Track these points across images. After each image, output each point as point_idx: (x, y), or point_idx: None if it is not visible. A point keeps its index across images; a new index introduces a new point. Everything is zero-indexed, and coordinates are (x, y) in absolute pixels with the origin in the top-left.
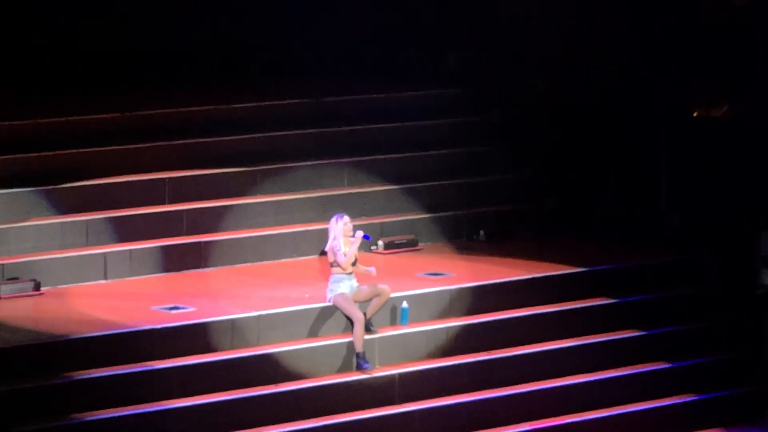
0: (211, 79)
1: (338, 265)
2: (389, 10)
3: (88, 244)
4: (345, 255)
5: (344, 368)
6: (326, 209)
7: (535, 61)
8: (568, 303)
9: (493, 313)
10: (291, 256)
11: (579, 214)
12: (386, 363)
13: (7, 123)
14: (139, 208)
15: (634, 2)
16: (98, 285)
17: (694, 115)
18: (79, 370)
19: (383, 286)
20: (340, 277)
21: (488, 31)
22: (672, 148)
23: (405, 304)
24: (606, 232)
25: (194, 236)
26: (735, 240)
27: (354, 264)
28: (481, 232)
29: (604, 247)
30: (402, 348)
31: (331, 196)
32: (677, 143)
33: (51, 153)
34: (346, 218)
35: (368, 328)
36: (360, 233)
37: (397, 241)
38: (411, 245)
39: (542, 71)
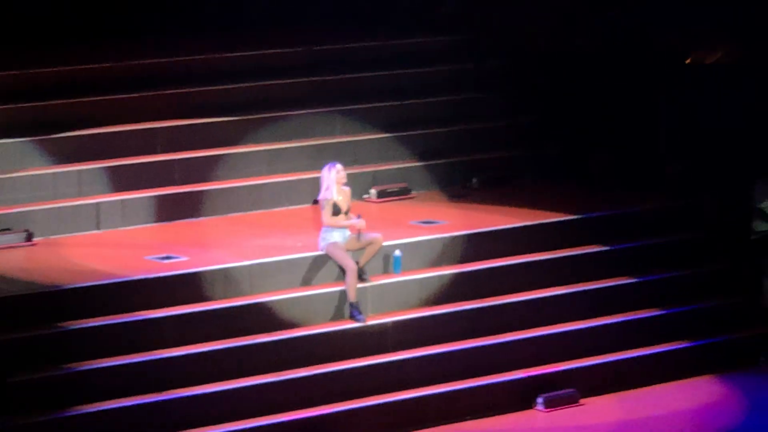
0: (204, 28)
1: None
2: None
3: (80, 194)
4: (327, 221)
5: (337, 317)
6: (319, 158)
7: (533, 8)
8: (562, 250)
9: (486, 261)
10: (284, 205)
11: (577, 162)
12: (379, 311)
13: None
14: (131, 157)
15: None
16: (91, 235)
17: (687, 61)
18: (73, 319)
19: (375, 235)
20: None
21: None
22: (670, 95)
23: (398, 253)
24: (604, 179)
25: (187, 186)
26: (732, 186)
27: (347, 213)
28: (474, 180)
29: (601, 194)
30: (395, 296)
31: (324, 144)
32: (676, 90)
33: (43, 103)
34: (339, 166)
35: (361, 277)
36: (362, 223)
37: (389, 190)
38: (404, 193)
39: (540, 18)
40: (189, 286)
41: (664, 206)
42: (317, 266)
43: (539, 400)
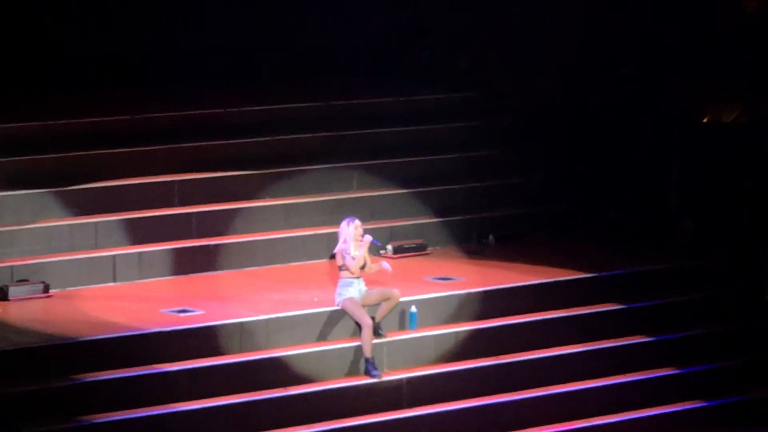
0: (221, 82)
1: (347, 269)
2: (400, 11)
3: (97, 246)
4: (354, 258)
5: (353, 372)
6: (336, 213)
7: (547, 64)
8: (577, 308)
9: (502, 318)
10: (300, 260)
11: (590, 218)
12: (395, 367)
13: (18, 124)
14: (148, 210)
15: (647, 6)
16: (107, 287)
17: (705, 120)
18: (88, 372)
19: (392, 290)
20: (349, 281)
21: (500, 33)
22: (684, 152)
23: (414, 309)
24: (617, 236)
25: (204, 239)
26: (746, 245)
27: (363, 268)
28: (491, 236)
29: (615, 251)
30: (410, 352)
31: (341, 199)
32: (689, 147)
33: (61, 154)
34: (357, 222)
35: (377, 333)
36: (368, 238)
37: (406, 245)
38: (420, 249)
39: (554, 74)
40: (204, 340)
41: (678, 265)
42: (333, 321)
43: None
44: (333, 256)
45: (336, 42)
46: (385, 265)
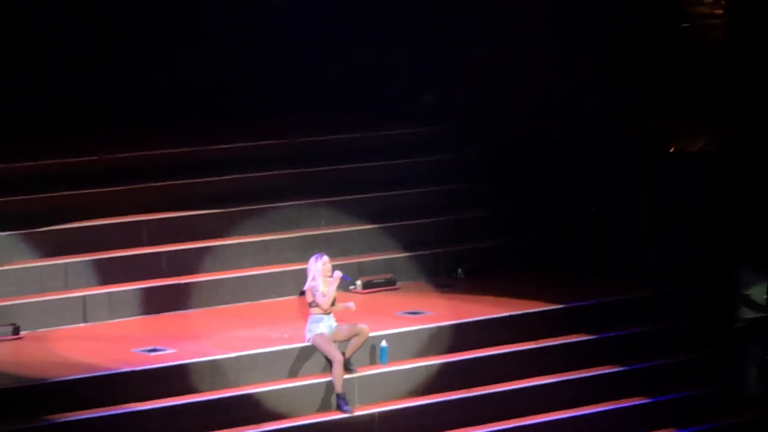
0: (188, 121)
1: (317, 305)
2: (367, 48)
3: (67, 287)
4: (324, 295)
5: (324, 408)
6: (305, 249)
7: (513, 98)
8: (547, 339)
9: (473, 351)
10: (270, 297)
11: (558, 250)
12: (366, 402)
13: None
14: (117, 250)
15: (612, 39)
16: (78, 328)
17: (671, 150)
18: (60, 413)
19: (362, 326)
20: (319, 317)
21: (466, 68)
22: (652, 183)
23: (384, 343)
24: (586, 267)
25: (173, 278)
26: (714, 274)
27: (333, 304)
28: (460, 270)
29: (584, 282)
30: (382, 387)
31: (310, 236)
32: (657, 178)
33: (29, 196)
34: (325, 258)
35: (348, 368)
36: (339, 273)
37: (375, 281)
38: (389, 284)
39: (520, 108)
40: (176, 379)
41: (648, 294)
42: (304, 357)
43: None
44: (303, 293)
45: (303, 79)
46: (350, 304)
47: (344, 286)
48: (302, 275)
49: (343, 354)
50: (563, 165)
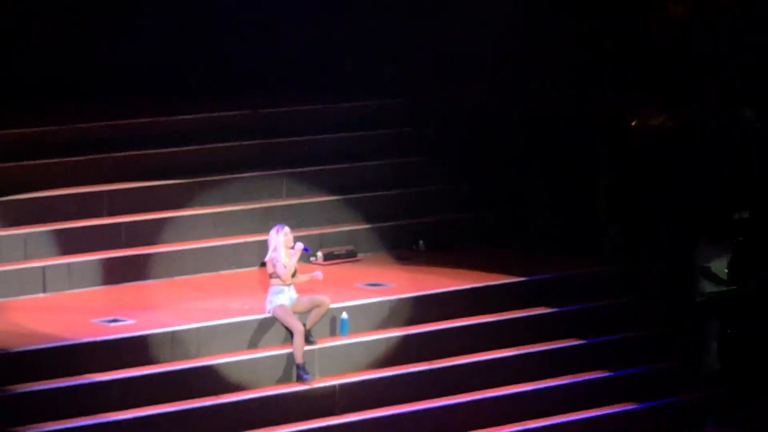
0: (148, 92)
1: (277, 277)
2: (329, 22)
3: (26, 257)
4: (285, 266)
5: (285, 379)
6: (265, 220)
7: (473, 74)
8: (507, 313)
9: (433, 324)
10: (230, 268)
11: (518, 226)
12: (326, 374)
13: None
14: (77, 221)
15: (572, 17)
16: (37, 298)
17: (632, 124)
18: (19, 383)
19: (322, 297)
20: (280, 289)
21: (426, 44)
22: (610, 159)
23: (344, 315)
24: (546, 242)
25: (133, 249)
26: (674, 249)
27: (294, 275)
28: (421, 242)
29: (543, 257)
30: (342, 359)
31: (271, 207)
32: (615, 153)
33: None
34: (287, 229)
35: (308, 339)
36: (300, 245)
37: (336, 252)
38: (350, 256)
39: (480, 84)
40: (135, 349)
41: (608, 269)
42: (264, 329)
43: None
44: (264, 264)
45: (263, 52)
46: (317, 273)
47: (305, 257)
48: (263, 246)
49: (304, 325)
50: (523, 141)
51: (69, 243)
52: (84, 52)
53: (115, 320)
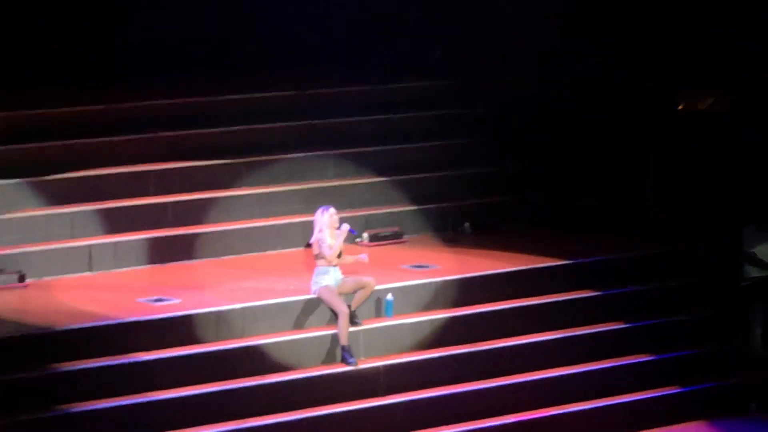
0: (196, 71)
1: (323, 258)
2: (376, 1)
3: (73, 236)
4: (330, 248)
5: (329, 360)
6: (312, 201)
7: (522, 54)
8: (553, 295)
9: (478, 306)
10: (276, 248)
11: (565, 207)
12: (371, 355)
13: None
14: (124, 200)
15: None
16: (83, 277)
17: (680, 108)
18: (64, 361)
19: (368, 279)
20: (325, 270)
21: (475, 24)
22: (658, 141)
23: (390, 297)
24: (592, 224)
25: (180, 228)
26: (719, 233)
27: (339, 256)
28: (467, 224)
29: (590, 239)
30: (387, 340)
31: (317, 188)
32: (664, 135)
33: (36, 144)
34: (332, 210)
35: (353, 321)
36: (346, 226)
37: (382, 234)
38: (396, 237)
39: (529, 65)
40: (181, 329)
41: (653, 252)
42: (309, 309)
43: None
44: (309, 245)
45: (311, 32)
46: (363, 256)
47: (350, 238)
48: (309, 227)
49: (349, 306)
50: (571, 122)
51: (115, 222)
52: (132, 30)
53: (160, 299)
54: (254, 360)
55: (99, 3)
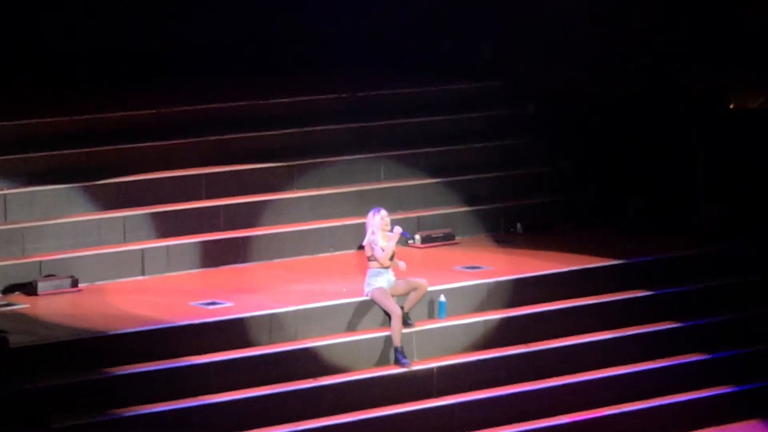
0: (246, 74)
1: (375, 260)
2: (424, 2)
3: (125, 240)
4: (383, 250)
5: (382, 362)
6: (363, 204)
7: (570, 54)
8: (605, 295)
9: (531, 306)
10: (328, 251)
11: (616, 207)
12: (424, 356)
13: (44, 120)
14: (176, 204)
15: None
16: (136, 281)
17: (731, 107)
18: (118, 365)
19: (420, 280)
20: (378, 272)
21: (523, 23)
22: (709, 139)
23: (442, 298)
24: (643, 224)
25: (231, 231)
26: None
27: (392, 259)
28: (519, 225)
29: (641, 239)
30: (440, 341)
31: (368, 190)
32: (714, 134)
33: (88, 149)
34: (384, 212)
35: (406, 322)
36: (398, 229)
37: (434, 235)
38: (448, 239)
39: (577, 64)
40: (234, 332)
41: (707, 251)
42: (362, 312)
43: None
44: (362, 247)
45: (360, 31)
46: (401, 264)
47: (403, 240)
48: (360, 229)
49: (402, 308)
50: (621, 121)
51: (167, 226)
52: (182, 33)
53: (213, 303)
54: (308, 362)
55: (150, 6)
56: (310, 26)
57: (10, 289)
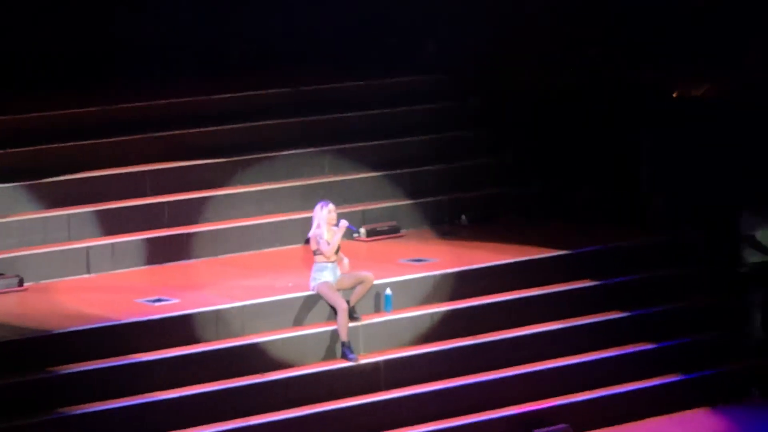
0: (189, 71)
1: (321, 254)
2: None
3: (70, 238)
4: (328, 243)
5: (329, 356)
6: (308, 198)
7: (515, 47)
8: (551, 286)
9: (477, 298)
10: (274, 246)
11: (561, 198)
12: (371, 350)
13: None
14: (120, 201)
15: None
16: (81, 279)
17: (674, 95)
18: (64, 364)
19: (366, 274)
20: (324, 266)
21: (467, 17)
22: (653, 130)
23: (388, 291)
24: (589, 215)
25: (177, 228)
26: (717, 219)
27: (337, 252)
28: (463, 217)
29: (587, 229)
30: (386, 335)
31: (313, 184)
32: (658, 125)
33: (31, 148)
34: (331, 206)
35: (352, 316)
36: (344, 223)
37: (379, 228)
38: (393, 232)
39: (524, 56)
40: (180, 329)
41: (652, 241)
42: (308, 306)
43: None
44: (307, 241)
45: (303, 29)
46: (345, 261)
47: (348, 234)
48: (305, 224)
49: (348, 302)
50: (565, 112)
51: (112, 223)
52: (123, 31)
53: (159, 300)
54: (254, 358)
55: (90, 4)
56: (254, 23)
57: None
